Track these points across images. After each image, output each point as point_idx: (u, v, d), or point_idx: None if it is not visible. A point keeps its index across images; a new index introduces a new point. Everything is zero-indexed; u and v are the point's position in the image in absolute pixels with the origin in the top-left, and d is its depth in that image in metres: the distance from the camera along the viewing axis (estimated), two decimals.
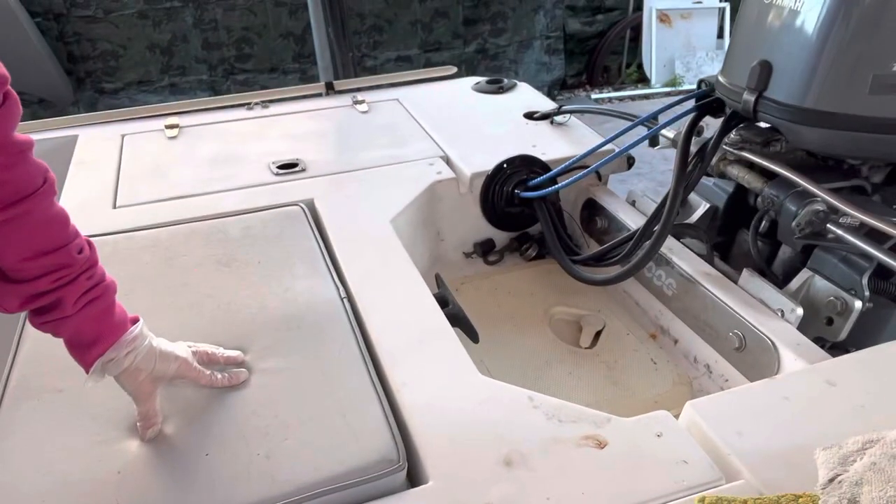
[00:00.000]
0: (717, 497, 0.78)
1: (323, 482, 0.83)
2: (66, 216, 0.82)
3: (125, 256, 1.28)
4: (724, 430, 0.90)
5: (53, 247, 0.79)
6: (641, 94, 5.80)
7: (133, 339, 0.86)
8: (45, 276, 0.79)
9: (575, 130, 1.88)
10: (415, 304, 1.19)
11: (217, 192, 1.55)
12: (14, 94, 0.73)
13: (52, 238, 0.79)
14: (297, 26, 4.93)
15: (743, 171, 1.42)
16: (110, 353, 0.85)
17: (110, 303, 0.86)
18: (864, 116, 1.16)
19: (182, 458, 0.87)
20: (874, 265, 1.22)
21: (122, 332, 0.86)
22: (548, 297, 1.64)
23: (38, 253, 0.78)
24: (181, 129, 1.89)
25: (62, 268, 0.80)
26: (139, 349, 0.87)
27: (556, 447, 0.89)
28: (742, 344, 1.25)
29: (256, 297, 1.17)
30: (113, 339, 0.85)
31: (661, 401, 1.34)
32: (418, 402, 0.97)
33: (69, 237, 0.81)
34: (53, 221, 0.80)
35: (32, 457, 0.87)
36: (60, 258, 0.80)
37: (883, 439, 0.79)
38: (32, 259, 0.78)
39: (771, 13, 1.25)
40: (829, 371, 1.01)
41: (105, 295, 0.85)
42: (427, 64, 5.29)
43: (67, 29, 4.53)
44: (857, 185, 1.34)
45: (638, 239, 1.45)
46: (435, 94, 2.15)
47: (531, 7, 5.44)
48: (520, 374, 1.40)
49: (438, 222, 1.70)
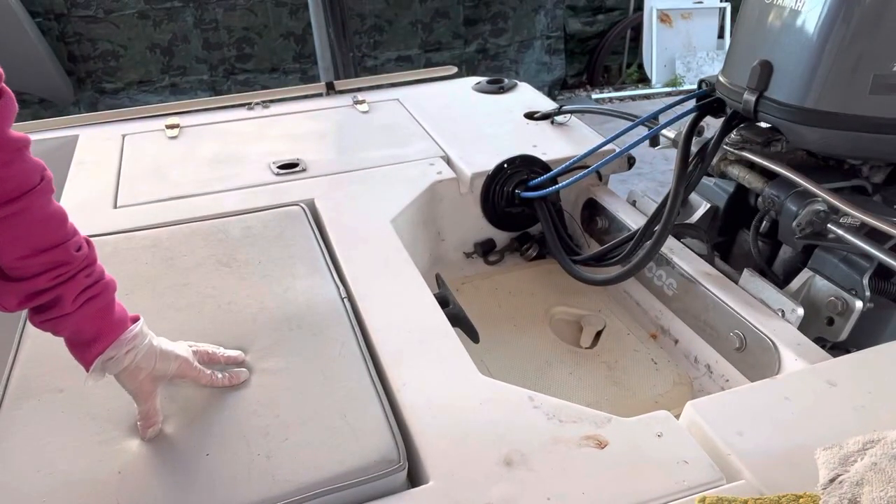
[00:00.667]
0: (718, 497, 0.78)
1: (323, 482, 0.83)
2: (64, 214, 0.82)
3: (125, 256, 1.28)
4: (724, 430, 0.90)
5: (51, 244, 0.79)
6: (642, 94, 5.80)
7: (133, 337, 0.87)
8: (44, 274, 0.79)
9: (575, 130, 1.88)
10: (415, 304, 1.19)
11: (217, 192, 1.55)
12: (9, 91, 0.74)
13: (50, 235, 0.79)
14: (298, 26, 4.93)
15: (743, 171, 1.42)
16: (110, 352, 0.85)
17: (110, 301, 0.86)
18: (865, 116, 1.16)
19: (182, 458, 0.87)
20: (875, 265, 1.22)
21: (122, 330, 0.86)
22: (548, 297, 1.64)
23: (36, 250, 0.78)
24: (182, 129, 1.90)
25: (61, 265, 0.80)
26: (139, 348, 0.87)
27: (557, 447, 0.89)
28: (743, 344, 1.25)
29: (257, 296, 1.17)
30: (113, 337, 0.85)
31: (661, 401, 1.34)
32: (418, 402, 0.97)
33: (67, 235, 0.81)
34: (51, 219, 0.80)
35: (33, 457, 0.87)
36: (59, 255, 0.80)
37: (883, 439, 0.79)
38: (31, 256, 0.78)
39: (771, 13, 1.25)
40: (830, 371, 1.00)
41: (104, 293, 0.85)
42: (427, 64, 5.29)
43: (68, 29, 4.54)
44: (858, 185, 1.34)
45: (638, 239, 1.45)
46: (435, 94, 2.15)
47: (532, 7, 5.44)
48: (520, 374, 1.40)
49: (439, 222, 1.70)
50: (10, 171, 0.75)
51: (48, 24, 4.48)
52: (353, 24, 4.95)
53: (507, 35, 5.49)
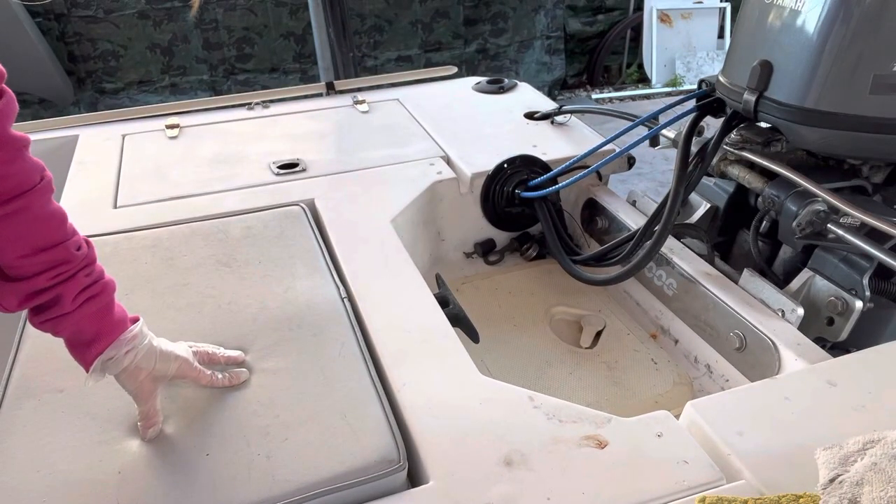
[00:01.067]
0: (718, 497, 0.78)
1: (323, 482, 0.83)
2: (64, 214, 0.82)
3: (126, 256, 1.28)
4: (724, 430, 0.90)
5: (51, 243, 0.80)
6: (642, 94, 5.80)
7: (133, 337, 0.87)
8: (44, 273, 0.79)
9: (575, 130, 1.88)
10: (415, 304, 1.19)
11: (218, 192, 1.55)
12: (10, 92, 0.74)
13: (50, 234, 0.80)
14: (298, 26, 4.93)
15: (743, 171, 1.42)
16: (110, 352, 0.85)
17: (109, 301, 0.87)
18: (865, 116, 1.16)
19: (182, 458, 0.87)
20: (875, 265, 1.22)
21: (122, 330, 0.86)
22: (548, 297, 1.64)
23: (36, 249, 0.79)
24: (182, 129, 1.90)
25: (60, 264, 0.81)
26: (139, 348, 0.87)
27: (557, 447, 0.89)
28: (743, 344, 1.25)
29: (257, 297, 1.17)
30: (112, 337, 0.85)
31: (661, 401, 1.34)
32: (418, 402, 0.97)
33: (67, 234, 0.82)
34: (51, 218, 0.80)
35: (33, 457, 0.87)
36: (58, 254, 0.80)
37: (884, 439, 0.79)
38: (31, 255, 0.78)
39: (771, 13, 1.25)
40: (830, 371, 1.01)
41: (104, 293, 0.86)
42: (427, 64, 5.29)
43: (68, 29, 4.54)
44: (858, 185, 1.34)
45: (638, 239, 1.45)
46: (435, 94, 2.15)
47: (532, 7, 5.45)
48: (520, 374, 1.40)
49: (439, 222, 1.70)
50: (10, 170, 0.75)
51: (48, 24, 4.48)
52: (353, 24, 4.95)
53: (507, 35, 5.49)
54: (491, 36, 5.46)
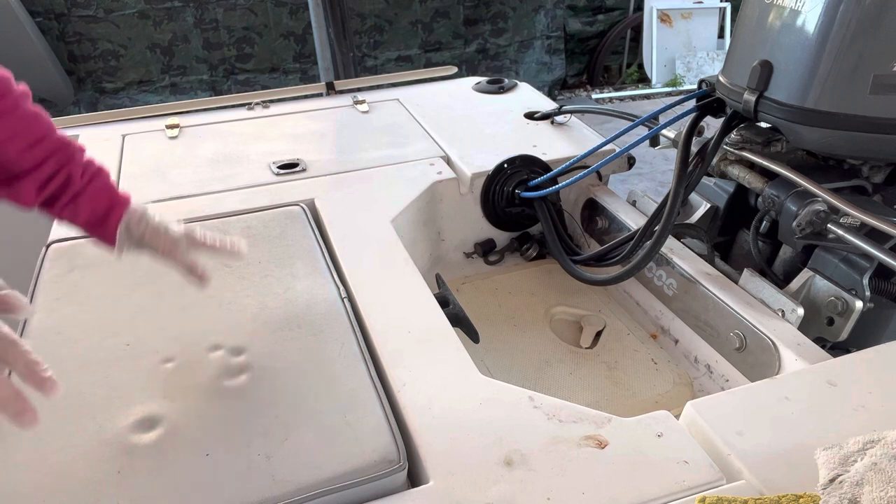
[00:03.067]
0: (718, 497, 0.78)
1: (323, 482, 0.83)
2: (45, 111, 0.92)
3: (126, 256, 1.28)
4: (724, 430, 0.90)
5: (45, 133, 0.90)
6: (642, 94, 5.80)
7: (139, 205, 0.97)
8: (48, 160, 0.90)
9: (575, 130, 1.88)
10: (415, 304, 1.19)
11: (218, 192, 1.55)
12: None
13: (42, 126, 0.91)
14: (298, 26, 4.94)
15: (744, 171, 1.42)
16: (129, 215, 0.94)
17: (110, 181, 0.97)
18: (865, 116, 1.16)
19: (182, 458, 0.87)
20: (875, 265, 1.22)
21: (129, 199, 0.98)
22: (548, 297, 1.64)
23: (34, 140, 0.89)
24: (182, 129, 1.90)
25: (59, 149, 0.91)
26: (151, 209, 0.98)
27: (557, 447, 0.89)
28: (743, 344, 1.25)
29: (257, 296, 1.17)
30: (125, 204, 0.96)
31: (661, 401, 1.34)
32: (418, 402, 0.97)
33: (53, 126, 0.93)
34: (39, 114, 0.91)
35: (32, 457, 0.87)
36: (54, 142, 0.91)
37: (884, 439, 0.79)
38: (32, 146, 0.89)
39: (771, 13, 1.25)
40: (830, 371, 1.00)
41: (102, 171, 0.97)
42: (428, 64, 5.30)
43: (68, 29, 4.54)
44: (858, 185, 1.34)
45: (638, 239, 1.45)
46: (435, 94, 2.15)
47: (532, 7, 5.45)
48: (520, 374, 1.40)
49: (439, 222, 1.70)
50: None
51: (48, 23, 4.48)
52: (353, 24, 4.95)
53: (507, 35, 5.49)
54: (491, 36, 5.46)
